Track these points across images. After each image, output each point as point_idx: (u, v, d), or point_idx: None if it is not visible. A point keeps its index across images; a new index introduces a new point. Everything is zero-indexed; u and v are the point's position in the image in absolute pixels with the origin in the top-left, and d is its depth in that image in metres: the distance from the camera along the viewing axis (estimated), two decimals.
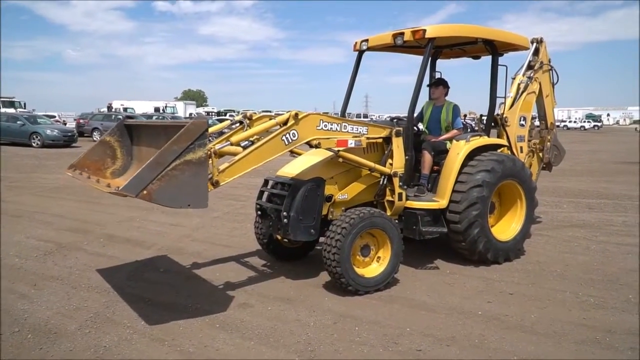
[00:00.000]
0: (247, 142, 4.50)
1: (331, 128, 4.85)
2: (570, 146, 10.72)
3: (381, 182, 5.38)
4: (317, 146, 4.76)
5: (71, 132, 25.51)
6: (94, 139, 29.07)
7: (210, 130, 4.85)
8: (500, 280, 5.26)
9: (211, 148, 4.02)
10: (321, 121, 4.78)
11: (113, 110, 44.09)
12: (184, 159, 3.62)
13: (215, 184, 4.06)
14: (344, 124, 4.99)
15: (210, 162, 3.97)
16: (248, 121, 4.98)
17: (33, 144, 23.11)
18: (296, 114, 4.53)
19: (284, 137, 4.45)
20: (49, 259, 5.80)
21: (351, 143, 4.96)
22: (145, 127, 4.93)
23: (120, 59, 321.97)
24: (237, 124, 5.04)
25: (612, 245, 6.63)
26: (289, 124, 4.49)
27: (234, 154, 4.31)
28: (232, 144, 4.35)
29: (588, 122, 76.31)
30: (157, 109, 47.69)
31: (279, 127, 4.49)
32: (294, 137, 4.52)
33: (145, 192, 3.50)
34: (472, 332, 3.99)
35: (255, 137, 4.55)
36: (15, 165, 15.62)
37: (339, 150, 4.90)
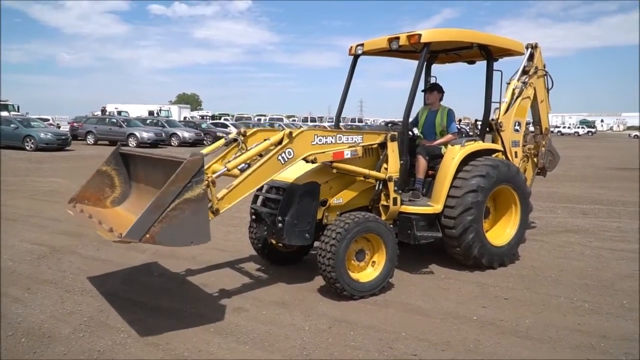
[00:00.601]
0: (243, 165, 4.52)
1: (326, 141, 4.87)
2: (564, 152, 10.77)
3: (377, 188, 5.39)
4: (314, 161, 4.76)
5: (65, 135, 25.43)
6: (88, 142, 29.04)
7: (206, 150, 4.95)
8: (495, 285, 5.26)
9: (209, 177, 4.02)
10: (315, 136, 4.79)
11: (107, 113, 43.93)
12: (183, 198, 3.65)
13: (216, 212, 4.08)
14: (338, 135, 5.00)
15: (208, 190, 3.97)
16: (242, 137, 5.00)
17: (27, 147, 22.99)
18: (290, 133, 4.54)
19: (279, 157, 4.46)
20: (42, 262, 5.77)
21: (347, 154, 4.98)
22: (140, 157, 4.93)
23: (115, 62, 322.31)
24: (232, 142, 5.06)
25: (606, 250, 6.66)
26: (283, 143, 4.49)
27: (233, 176, 4.36)
28: (229, 170, 4.38)
29: (582, 127, 76.89)
30: (151, 113, 47.59)
31: (274, 147, 4.50)
32: (290, 155, 4.53)
33: (147, 235, 3.54)
34: (467, 337, 4.00)
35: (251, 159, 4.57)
36: (9, 168, 15.52)
37: (332, 162, 4.91)
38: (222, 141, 5.20)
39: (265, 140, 4.67)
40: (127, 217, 4.49)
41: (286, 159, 4.50)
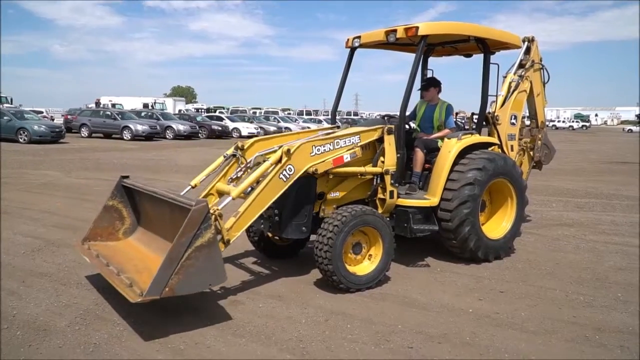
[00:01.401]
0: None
1: (324, 150, 4.88)
2: (559, 145, 10.82)
3: (374, 182, 5.38)
4: (315, 172, 4.75)
5: (59, 127, 25.29)
6: (82, 134, 28.89)
7: (206, 171, 5.06)
8: (490, 278, 5.28)
9: (215, 211, 4.04)
10: (313, 147, 4.79)
11: (101, 106, 43.63)
12: (195, 246, 3.74)
13: (227, 243, 4.14)
14: (336, 140, 5.01)
15: (216, 223, 4.00)
16: (240, 152, 4.97)
17: (20, 140, 22.85)
18: (288, 150, 4.53)
19: (281, 175, 4.47)
20: (37, 255, 5.74)
21: (347, 157, 5.00)
22: (144, 194, 4.90)
23: (109, 55, 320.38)
24: (232, 157, 5.05)
25: (600, 244, 6.70)
26: (283, 161, 4.49)
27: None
28: (233, 199, 4.42)
29: (576, 122, 77.20)
30: (145, 105, 47.32)
31: (274, 166, 4.49)
32: (291, 171, 4.54)
33: (167, 289, 3.65)
34: (463, 330, 4.01)
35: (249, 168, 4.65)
36: (2, 161, 15.42)
37: (329, 170, 4.91)
38: (221, 158, 5.18)
39: (264, 160, 4.67)
40: (144, 254, 4.65)
41: (288, 176, 4.52)
